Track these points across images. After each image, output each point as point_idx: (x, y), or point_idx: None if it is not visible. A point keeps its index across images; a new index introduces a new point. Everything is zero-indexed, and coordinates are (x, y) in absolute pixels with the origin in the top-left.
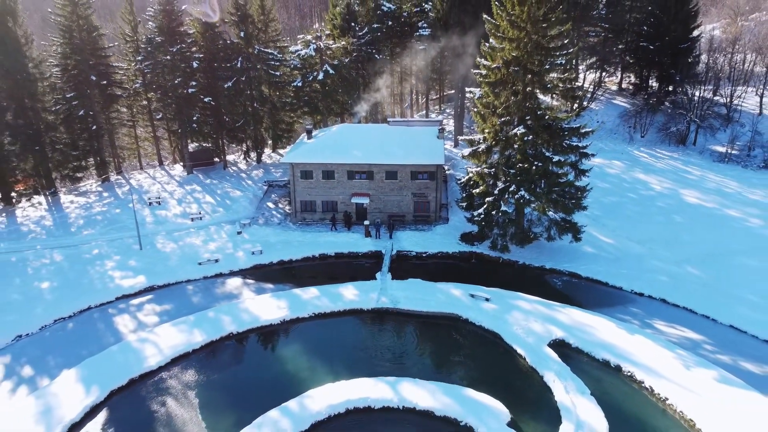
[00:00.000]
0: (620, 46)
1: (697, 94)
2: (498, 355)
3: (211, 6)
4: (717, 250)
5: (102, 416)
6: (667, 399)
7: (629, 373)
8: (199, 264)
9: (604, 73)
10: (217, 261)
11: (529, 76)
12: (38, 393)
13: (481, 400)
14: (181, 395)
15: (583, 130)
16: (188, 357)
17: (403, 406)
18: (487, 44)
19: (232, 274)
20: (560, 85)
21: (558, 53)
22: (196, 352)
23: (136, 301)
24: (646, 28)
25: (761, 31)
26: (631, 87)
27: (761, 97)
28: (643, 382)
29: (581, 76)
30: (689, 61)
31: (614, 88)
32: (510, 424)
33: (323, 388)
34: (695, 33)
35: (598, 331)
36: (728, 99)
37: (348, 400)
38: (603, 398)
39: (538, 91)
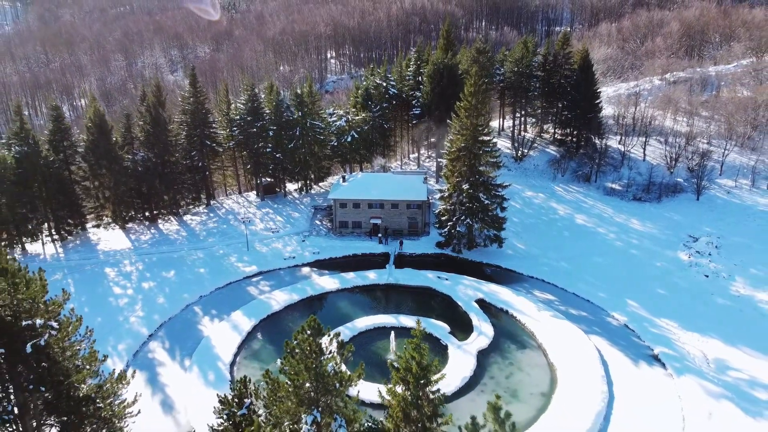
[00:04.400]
0: (553, 110)
1: (598, 145)
2: (448, 306)
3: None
4: (581, 253)
5: (259, 330)
6: (525, 324)
7: (511, 314)
8: (284, 259)
9: (541, 129)
10: (294, 258)
11: (472, 155)
12: (225, 320)
13: (437, 323)
14: (293, 322)
15: (504, 185)
16: (292, 306)
17: (401, 326)
18: (449, 136)
19: (304, 265)
20: (490, 160)
21: (488, 143)
22: (295, 304)
23: (254, 279)
24: (566, 102)
25: (668, 91)
26: (557, 140)
27: (644, 147)
28: (516, 317)
29: (527, 128)
30: (593, 124)
31: (549, 138)
32: (450, 333)
33: (361, 318)
34: (598, 106)
35: (502, 294)
36: (623, 147)
37: (374, 323)
38: (496, 324)
39: (477, 164)
